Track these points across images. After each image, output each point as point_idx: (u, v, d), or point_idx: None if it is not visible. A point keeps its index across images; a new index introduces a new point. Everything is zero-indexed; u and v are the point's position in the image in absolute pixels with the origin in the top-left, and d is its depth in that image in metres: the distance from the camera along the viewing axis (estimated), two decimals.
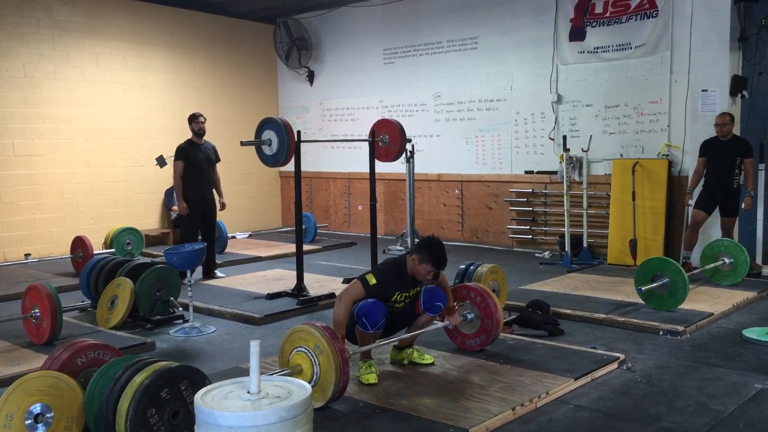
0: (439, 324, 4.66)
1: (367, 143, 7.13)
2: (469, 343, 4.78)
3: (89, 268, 6.29)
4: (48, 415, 3.20)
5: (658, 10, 7.99)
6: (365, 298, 4.17)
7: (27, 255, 8.90)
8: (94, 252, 7.84)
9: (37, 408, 3.18)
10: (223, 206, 7.77)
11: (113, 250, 8.43)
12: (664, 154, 8.04)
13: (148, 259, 7.47)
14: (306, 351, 3.79)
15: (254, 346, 2.66)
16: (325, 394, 3.71)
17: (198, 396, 2.65)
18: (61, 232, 9.31)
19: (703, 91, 7.61)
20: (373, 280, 4.18)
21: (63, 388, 3.25)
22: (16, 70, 8.96)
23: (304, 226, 7.33)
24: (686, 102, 7.84)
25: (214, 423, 2.51)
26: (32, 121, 9.11)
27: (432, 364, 4.50)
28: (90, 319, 5.89)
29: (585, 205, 8.21)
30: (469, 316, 4.73)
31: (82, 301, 6.32)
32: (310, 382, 3.73)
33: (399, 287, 4.30)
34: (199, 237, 7.51)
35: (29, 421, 3.16)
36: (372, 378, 4.15)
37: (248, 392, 2.65)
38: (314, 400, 3.73)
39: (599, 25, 8.47)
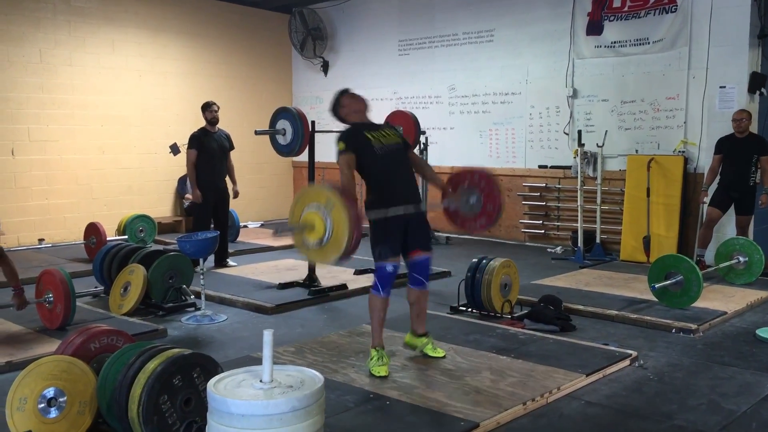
0: (439, 206, 4.70)
1: None
2: (470, 225, 4.70)
3: (102, 255, 6.33)
4: (61, 399, 3.22)
5: (677, 5, 7.91)
6: (354, 160, 4.26)
7: (41, 240, 8.99)
8: (107, 238, 7.88)
9: (50, 392, 3.20)
10: (236, 194, 7.80)
11: (126, 236, 8.48)
12: (680, 151, 7.98)
13: (160, 247, 7.50)
14: (317, 208, 3.79)
15: (267, 335, 2.66)
16: (339, 248, 3.71)
17: (211, 384, 2.65)
18: (74, 218, 9.35)
19: (720, 87, 7.55)
20: (342, 146, 4.31)
21: (76, 373, 3.27)
22: (33, 55, 9.00)
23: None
24: (703, 98, 7.77)
25: (226, 411, 2.52)
26: (47, 107, 9.15)
27: (443, 357, 4.49)
28: (103, 305, 5.92)
29: (599, 200, 8.16)
30: (472, 200, 4.63)
31: (95, 287, 6.36)
32: (322, 239, 3.76)
33: (365, 129, 4.40)
34: (212, 225, 7.53)
35: (42, 405, 3.19)
36: (383, 371, 4.16)
37: (261, 381, 2.66)
38: (328, 254, 3.78)
39: (617, 20, 8.40)
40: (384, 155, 4.31)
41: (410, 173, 4.46)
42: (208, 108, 7.50)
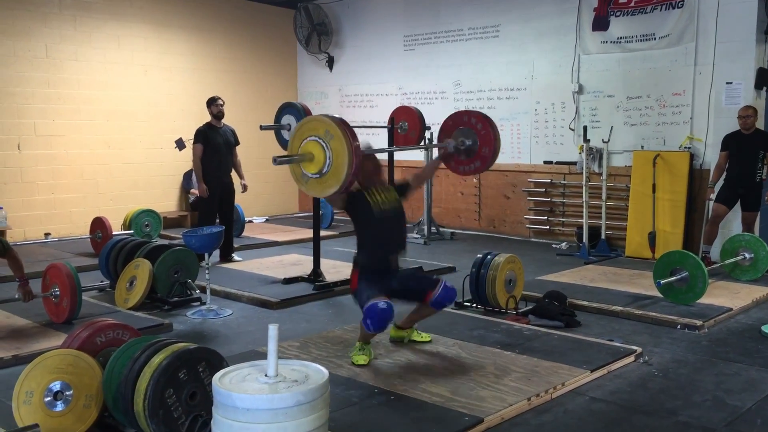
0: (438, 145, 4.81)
1: (385, 130, 7.11)
2: (463, 168, 4.79)
3: (108, 249, 6.35)
4: (67, 393, 3.23)
5: (683, 1, 7.88)
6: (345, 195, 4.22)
7: (47, 234, 9.01)
8: (113, 233, 7.90)
9: (56, 385, 3.21)
10: (244, 188, 7.79)
11: (132, 231, 8.49)
12: (686, 147, 7.95)
13: (166, 241, 7.51)
14: (316, 139, 3.80)
15: (272, 330, 2.67)
16: (339, 178, 3.75)
17: (216, 378, 2.67)
18: (80, 213, 9.39)
19: (727, 83, 7.51)
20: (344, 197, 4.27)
21: (82, 367, 3.29)
22: (39, 50, 9.02)
23: (321, 212, 7.33)
24: (710, 94, 7.74)
25: (231, 405, 2.53)
26: (53, 102, 9.17)
27: (429, 341, 4.62)
28: (108, 299, 5.94)
29: (604, 196, 8.15)
30: (467, 142, 4.68)
31: (101, 281, 6.38)
32: (322, 169, 3.80)
33: (367, 192, 4.31)
34: (217, 220, 7.55)
35: (49, 398, 3.20)
36: (362, 360, 4.24)
37: (266, 375, 2.67)
38: (328, 185, 3.82)
39: (623, 15, 8.38)
40: (381, 219, 4.29)
41: (403, 232, 4.46)
42: (213, 103, 7.51)
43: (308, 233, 7.98)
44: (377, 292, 4.13)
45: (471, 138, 4.67)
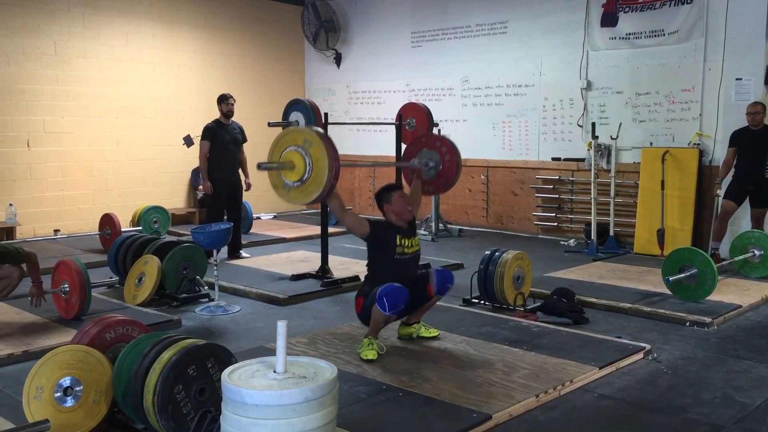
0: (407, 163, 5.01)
1: (393, 127, 7.10)
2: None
3: (117, 245, 6.37)
4: (77, 389, 3.24)
5: None
6: (367, 224, 4.41)
7: (56, 231, 9.06)
8: (122, 229, 7.93)
9: (66, 381, 3.23)
10: (248, 187, 7.82)
11: (140, 228, 8.53)
12: (695, 144, 7.92)
13: (174, 238, 7.54)
14: (295, 148, 3.90)
15: (281, 326, 2.68)
16: (320, 183, 3.83)
17: (225, 374, 2.68)
18: (89, 209, 9.42)
19: (737, 79, 7.48)
20: (369, 223, 4.46)
21: (92, 363, 3.30)
22: (48, 47, 9.05)
23: (328, 209, 7.32)
24: (719, 90, 7.71)
25: (240, 401, 2.54)
26: (62, 99, 9.21)
27: (437, 336, 4.63)
28: (117, 296, 5.97)
29: (612, 193, 8.13)
30: (431, 164, 4.93)
31: (110, 278, 6.41)
32: (303, 176, 3.87)
33: (397, 231, 4.46)
34: (225, 217, 7.56)
35: (59, 394, 3.22)
36: (371, 354, 4.24)
37: (274, 371, 2.68)
38: (310, 191, 3.91)
39: (632, 11, 8.34)
40: (401, 262, 4.44)
41: (416, 271, 4.57)
42: (224, 100, 7.51)
43: (316, 230, 8.00)
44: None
45: (434, 161, 4.92)
